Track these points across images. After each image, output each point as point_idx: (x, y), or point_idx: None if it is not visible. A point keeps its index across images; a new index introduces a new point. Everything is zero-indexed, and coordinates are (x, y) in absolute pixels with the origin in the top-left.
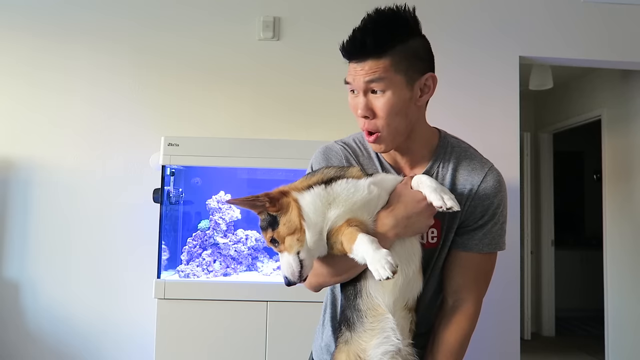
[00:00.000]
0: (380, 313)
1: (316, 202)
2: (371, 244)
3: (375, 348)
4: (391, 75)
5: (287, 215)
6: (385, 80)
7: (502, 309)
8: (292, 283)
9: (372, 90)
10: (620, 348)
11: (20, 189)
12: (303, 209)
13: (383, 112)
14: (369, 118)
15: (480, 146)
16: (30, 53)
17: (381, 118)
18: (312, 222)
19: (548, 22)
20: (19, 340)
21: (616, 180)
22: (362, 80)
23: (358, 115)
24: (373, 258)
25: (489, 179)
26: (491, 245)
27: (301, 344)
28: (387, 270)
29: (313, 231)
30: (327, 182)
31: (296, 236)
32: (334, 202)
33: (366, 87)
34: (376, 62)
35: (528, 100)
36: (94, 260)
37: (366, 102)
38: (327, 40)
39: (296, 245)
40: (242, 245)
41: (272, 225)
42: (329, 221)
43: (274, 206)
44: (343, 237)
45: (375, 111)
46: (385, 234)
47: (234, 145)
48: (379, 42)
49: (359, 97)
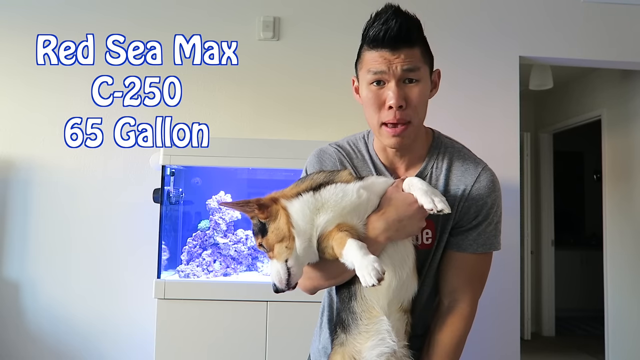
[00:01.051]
0: (375, 315)
1: (304, 209)
2: (359, 250)
3: (370, 350)
4: (422, 65)
5: (276, 223)
6: (420, 70)
7: (502, 309)
8: (280, 290)
9: (404, 80)
10: (620, 348)
11: (20, 189)
12: (292, 216)
13: (417, 100)
14: (402, 108)
15: (480, 146)
16: (30, 53)
17: (414, 107)
18: (301, 229)
19: (548, 22)
20: (19, 340)
21: (616, 180)
22: (400, 69)
23: (391, 106)
24: (360, 264)
25: (483, 179)
26: (485, 245)
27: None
28: (372, 278)
29: (302, 239)
30: (315, 188)
31: (285, 244)
32: (323, 208)
33: (402, 76)
34: (410, 50)
35: (528, 100)
36: (94, 260)
37: (402, 91)
38: (327, 40)
39: (285, 253)
40: (242, 245)
41: (262, 232)
42: (319, 227)
43: (263, 213)
44: (333, 242)
45: (409, 100)
46: (376, 238)
47: (234, 145)
48: (415, 31)
49: (388, 87)
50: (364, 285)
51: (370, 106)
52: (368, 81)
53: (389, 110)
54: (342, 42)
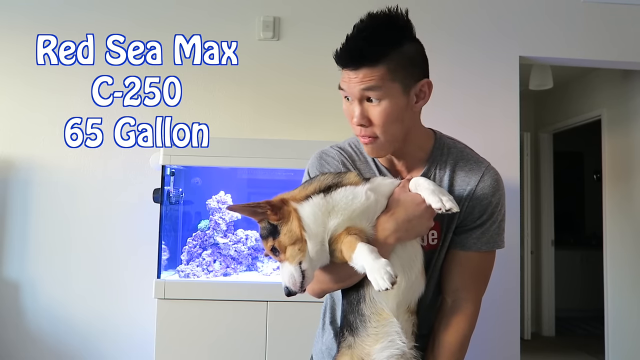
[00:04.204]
0: (384, 317)
1: (316, 212)
2: (370, 254)
3: (379, 352)
4: (387, 83)
5: (288, 225)
6: (382, 89)
7: (502, 309)
8: (292, 293)
9: (367, 99)
10: (620, 348)
11: (20, 189)
12: (303, 219)
13: (379, 120)
14: (365, 126)
15: (480, 146)
16: (30, 53)
17: (378, 126)
18: (312, 232)
19: (548, 22)
20: (19, 340)
21: (616, 180)
22: (358, 89)
23: (354, 123)
24: (372, 268)
25: (487, 179)
26: (489, 243)
27: (301, 344)
28: (386, 282)
29: (314, 241)
30: (325, 190)
31: (297, 246)
32: (333, 211)
33: (361, 95)
34: (371, 70)
35: (528, 100)
36: (94, 260)
37: (362, 111)
38: (327, 40)
39: (298, 256)
40: (242, 245)
41: (273, 234)
42: (330, 230)
43: (276, 215)
44: (343, 246)
45: (371, 119)
46: (386, 240)
47: (234, 145)
48: (375, 50)
49: (354, 104)
50: (377, 289)
51: (347, 117)
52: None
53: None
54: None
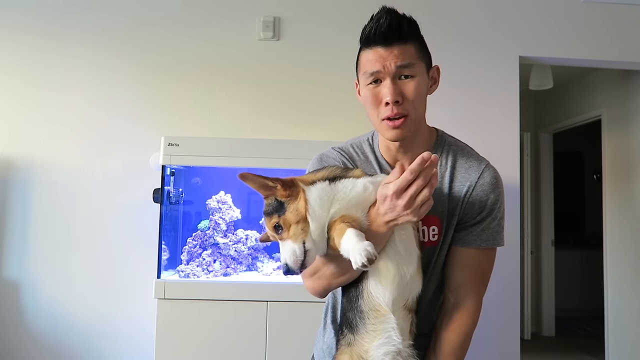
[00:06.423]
0: (382, 314)
1: (322, 196)
2: (356, 237)
3: (376, 349)
4: (417, 61)
5: (295, 204)
6: (415, 66)
7: (502, 309)
8: (291, 271)
9: (399, 76)
10: (620, 348)
11: (20, 189)
12: (309, 201)
13: (414, 95)
14: (399, 103)
15: (480, 146)
16: (30, 52)
17: (411, 101)
18: (316, 215)
19: (548, 22)
20: (19, 340)
21: (616, 180)
22: (394, 65)
23: (388, 102)
24: (354, 248)
25: (486, 176)
26: (489, 241)
27: (301, 344)
28: (363, 257)
29: (317, 224)
30: (331, 179)
31: (301, 226)
32: (335, 199)
33: (397, 72)
34: (403, 47)
35: (528, 100)
36: (94, 260)
37: (397, 87)
38: (327, 40)
39: (301, 235)
40: (242, 245)
41: (279, 211)
42: (330, 218)
43: (286, 191)
44: (335, 233)
45: (405, 95)
46: (377, 229)
47: (234, 145)
48: (409, 27)
49: (384, 84)
50: (355, 267)
51: (370, 104)
52: (366, 82)
53: (386, 106)
54: (342, 42)
